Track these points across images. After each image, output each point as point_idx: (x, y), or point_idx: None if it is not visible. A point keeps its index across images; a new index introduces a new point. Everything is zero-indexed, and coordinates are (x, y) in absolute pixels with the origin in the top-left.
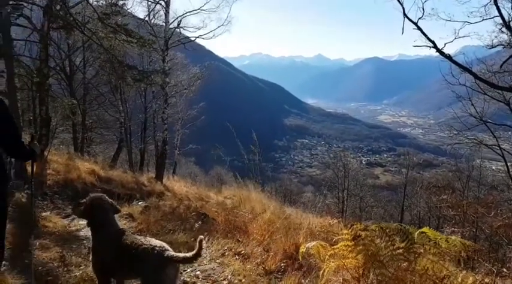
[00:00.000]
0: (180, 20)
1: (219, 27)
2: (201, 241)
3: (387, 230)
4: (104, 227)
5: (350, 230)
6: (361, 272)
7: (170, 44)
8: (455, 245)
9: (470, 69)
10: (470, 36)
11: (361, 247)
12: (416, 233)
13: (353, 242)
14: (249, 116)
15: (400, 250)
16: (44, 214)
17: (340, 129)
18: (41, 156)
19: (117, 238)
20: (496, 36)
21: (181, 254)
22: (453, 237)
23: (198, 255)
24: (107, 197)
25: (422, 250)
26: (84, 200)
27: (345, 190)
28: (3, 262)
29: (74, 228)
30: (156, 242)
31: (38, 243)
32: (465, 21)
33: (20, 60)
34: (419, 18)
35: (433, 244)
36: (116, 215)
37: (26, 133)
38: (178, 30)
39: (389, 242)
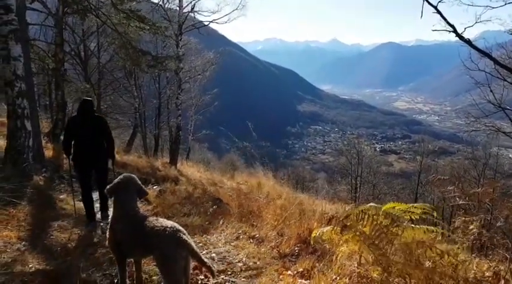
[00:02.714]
0: (194, 4)
1: (233, 11)
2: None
3: (368, 212)
4: (122, 206)
5: (332, 221)
6: (358, 256)
7: (184, 29)
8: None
9: (490, 54)
10: (491, 21)
11: (352, 235)
12: (385, 208)
13: (341, 234)
14: (263, 102)
15: (385, 228)
16: (61, 196)
17: (355, 115)
18: (58, 140)
19: (132, 218)
20: None
21: (195, 247)
22: (419, 205)
23: (206, 266)
24: (136, 179)
25: (404, 224)
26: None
27: (358, 177)
28: (23, 242)
29: None
30: (168, 222)
31: (56, 224)
32: (487, 6)
33: (35, 44)
34: (439, 2)
35: (409, 214)
36: None
37: (43, 118)
38: (192, 14)
39: (374, 222)
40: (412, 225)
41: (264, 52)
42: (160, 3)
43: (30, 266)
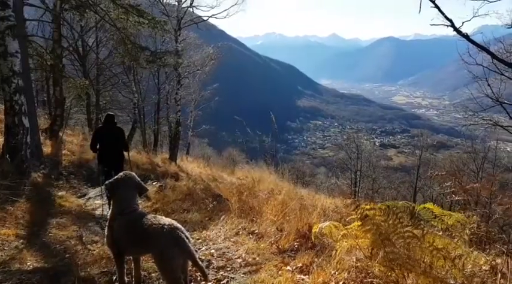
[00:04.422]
0: None
1: (232, 6)
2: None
3: (394, 209)
4: (120, 204)
5: (357, 210)
6: (371, 251)
7: (183, 24)
8: (458, 221)
9: (488, 49)
10: (489, 14)
11: (369, 227)
12: (419, 208)
13: (361, 223)
14: (262, 97)
15: (408, 228)
16: (60, 193)
17: (354, 110)
18: (56, 136)
19: (130, 216)
20: None
21: (192, 248)
22: (455, 214)
23: (200, 269)
24: (135, 176)
25: (428, 227)
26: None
27: (357, 172)
28: (21, 240)
29: (89, 207)
30: (165, 220)
31: (55, 222)
32: (484, 0)
33: (33, 40)
34: None
35: (439, 221)
36: None
37: (41, 114)
38: (191, 9)
39: (397, 221)
40: (436, 232)
41: (263, 47)
42: None
43: (28, 264)
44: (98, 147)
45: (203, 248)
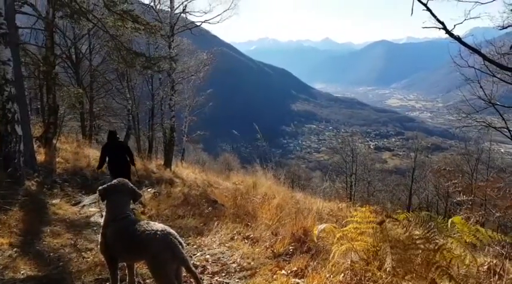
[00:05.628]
0: (186, 5)
1: (225, 11)
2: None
3: (411, 220)
4: (113, 210)
5: (377, 215)
6: (371, 254)
7: (176, 30)
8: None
9: (480, 51)
10: (481, 17)
11: (384, 233)
12: (450, 222)
13: (380, 227)
14: (256, 102)
15: (422, 240)
16: (54, 201)
17: (348, 113)
18: (50, 144)
19: (122, 222)
20: (507, 17)
21: (185, 255)
22: (483, 229)
23: (193, 275)
24: (129, 183)
25: (443, 241)
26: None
27: (352, 175)
28: (15, 249)
29: (84, 215)
30: (158, 226)
31: (49, 230)
32: (476, 2)
33: (26, 48)
34: None
35: (458, 237)
36: None
37: (35, 122)
38: (183, 15)
39: (409, 233)
40: (451, 246)
41: (257, 52)
42: (152, 4)
43: (21, 272)
44: (107, 160)
45: (198, 254)
